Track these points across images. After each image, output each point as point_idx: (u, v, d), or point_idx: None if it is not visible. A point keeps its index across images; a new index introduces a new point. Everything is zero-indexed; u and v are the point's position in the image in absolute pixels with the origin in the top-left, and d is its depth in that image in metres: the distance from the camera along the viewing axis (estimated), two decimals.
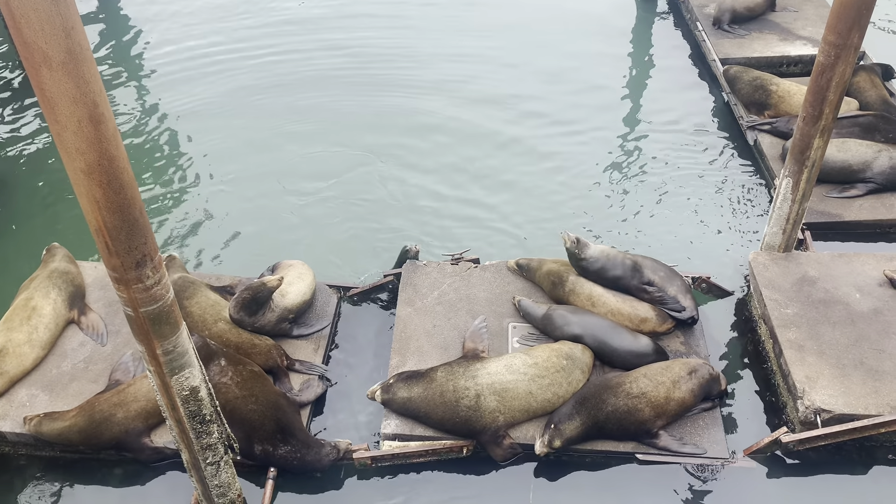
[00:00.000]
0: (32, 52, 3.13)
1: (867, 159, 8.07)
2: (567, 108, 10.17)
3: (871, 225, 7.89)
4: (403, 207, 8.62)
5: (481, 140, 9.63)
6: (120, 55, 11.70)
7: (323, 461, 5.77)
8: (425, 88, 10.63)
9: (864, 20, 5.82)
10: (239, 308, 6.44)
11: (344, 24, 12.25)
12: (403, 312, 6.82)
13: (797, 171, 6.64)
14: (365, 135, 9.76)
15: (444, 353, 6.46)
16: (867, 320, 6.49)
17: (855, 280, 6.87)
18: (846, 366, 6.11)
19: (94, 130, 3.39)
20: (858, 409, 5.82)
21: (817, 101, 6.23)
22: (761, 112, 9.29)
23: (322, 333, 6.80)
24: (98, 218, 3.68)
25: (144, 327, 4.13)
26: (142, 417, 5.88)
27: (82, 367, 6.44)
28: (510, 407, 5.83)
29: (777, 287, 6.82)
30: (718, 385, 6.06)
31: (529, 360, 6.03)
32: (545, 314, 6.54)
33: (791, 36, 10.63)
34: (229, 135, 9.87)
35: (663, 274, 6.73)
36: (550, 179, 8.95)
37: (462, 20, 12.27)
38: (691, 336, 6.62)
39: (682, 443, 5.82)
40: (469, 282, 7.12)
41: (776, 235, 7.09)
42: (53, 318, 6.60)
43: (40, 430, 5.84)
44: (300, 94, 10.63)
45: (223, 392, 5.70)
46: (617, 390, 5.82)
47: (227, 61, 11.38)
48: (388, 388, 5.98)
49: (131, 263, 3.86)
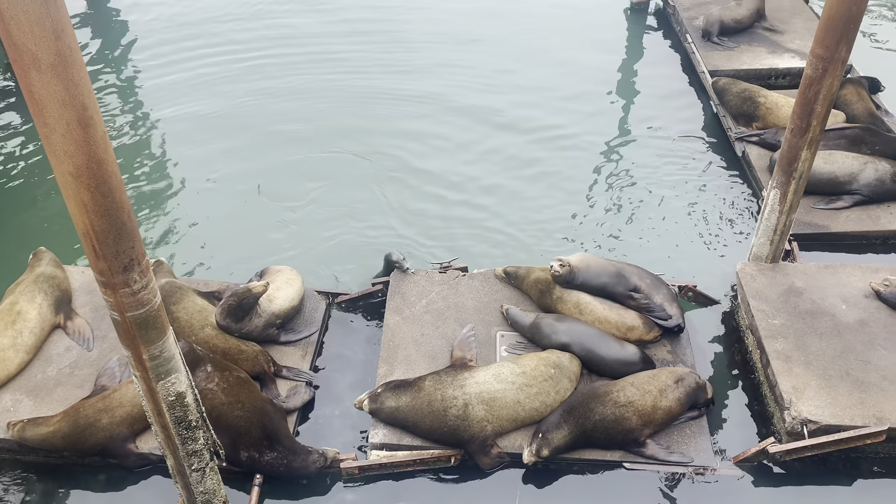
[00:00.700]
0: (22, 54, 3.12)
1: (854, 171, 8.15)
2: (556, 118, 10.21)
3: (857, 236, 7.97)
4: (392, 214, 8.61)
5: (470, 147, 9.65)
6: (109, 58, 11.67)
7: (310, 468, 5.74)
8: (414, 95, 10.65)
9: (852, 34, 5.89)
10: (225, 314, 6.41)
11: (335, 29, 12.28)
12: (391, 321, 6.80)
13: (785, 182, 6.70)
14: (355, 141, 9.76)
15: (432, 361, 6.45)
16: (853, 332, 6.54)
17: (841, 291, 6.92)
18: (833, 377, 6.15)
19: (82, 133, 3.37)
20: (844, 420, 5.85)
21: (805, 114, 6.29)
22: (749, 124, 9.37)
23: (310, 340, 6.77)
24: (86, 221, 3.65)
25: (131, 332, 4.10)
26: (127, 423, 5.83)
27: (68, 372, 6.39)
28: (498, 416, 5.82)
29: (764, 297, 6.86)
30: (705, 394, 6.08)
31: (517, 368, 6.03)
32: (533, 323, 6.55)
33: (779, 49, 10.74)
34: (218, 139, 9.84)
35: (650, 281, 6.76)
36: (538, 188, 8.98)
37: (452, 29, 12.29)
38: (678, 345, 6.64)
39: (670, 451, 5.84)
40: (457, 290, 7.12)
41: (764, 246, 7.13)
42: (39, 323, 6.54)
43: (24, 435, 5.78)
44: (289, 99, 10.63)
45: (209, 398, 5.67)
46: (604, 399, 5.83)
47: (215, 65, 11.37)
48: (376, 398, 5.96)
49: (119, 267, 3.84)
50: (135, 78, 11.19)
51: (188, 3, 13.03)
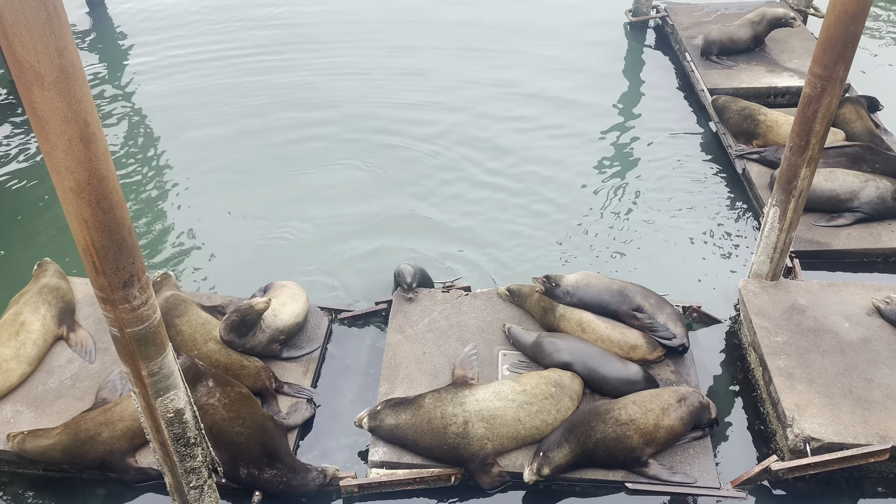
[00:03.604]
0: (25, 70, 3.15)
1: (854, 189, 8.15)
2: (555, 137, 10.25)
3: (858, 254, 7.95)
4: (396, 231, 8.62)
5: (473, 167, 9.67)
6: (111, 74, 11.78)
7: (309, 486, 5.70)
8: (418, 108, 10.72)
9: (850, 53, 5.93)
10: (229, 330, 6.41)
11: (339, 38, 12.38)
12: (393, 339, 6.79)
13: (784, 200, 6.70)
14: (359, 157, 9.80)
15: (433, 380, 6.43)
16: (856, 349, 6.51)
17: (844, 309, 6.90)
18: (835, 394, 6.11)
19: (84, 149, 3.40)
20: (847, 438, 5.81)
21: (804, 132, 6.31)
22: (749, 141, 9.40)
23: (312, 356, 6.76)
24: (86, 237, 3.67)
25: (130, 348, 4.10)
26: (127, 437, 5.81)
27: (69, 385, 6.39)
28: (498, 434, 5.79)
29: (767, 315, 6.84)
30: (709, 413, 6.04)
31: (518, 386, 6.00)
32: (535, 341, 6.53)
33: (778, 67, 10.80)
34: (222, 155, 9.90)
35: (653, 301, 6.74)
36: (538, 207, 8.98)
37: (451, 44, 12.39)
38: (681, 364, 6.61)
39: (673, 471, 5.79)
40: (460, 309, 7.11)
41: (763, 264, 7.13)
42: (42, 335, 6.55)
43: (24, 447, 5.77)
44: (292, 113, 10.71)
45: (210, 413, 5.66)
46: (605, 417, 5.79)
47: (218, 81, 11.47)
48: (376, 415, 5.93)
49: (118, 283, 3.85)
50: (136, 92, 11.29)
51: (192, 21, 13.16)
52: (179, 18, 13.24)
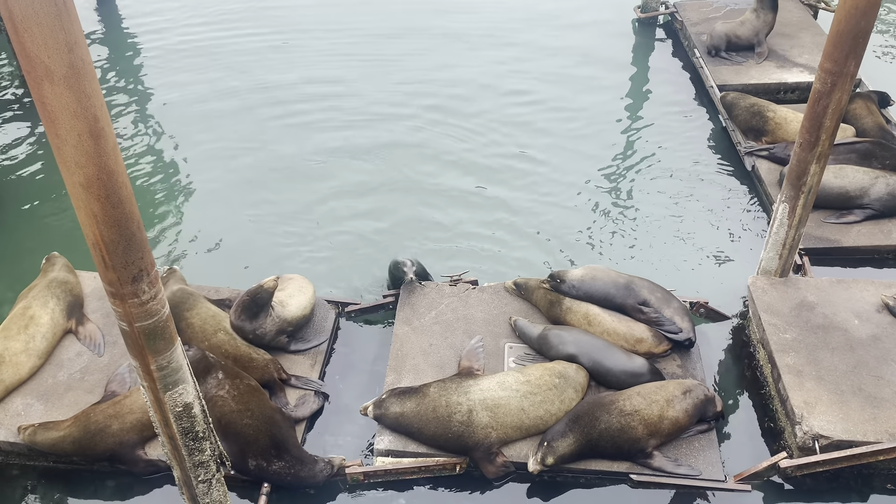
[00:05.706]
0: (35, 66, 3.16)
1: (865, 185, 8.10)
2: (564, 133, 10.22)
3: (868, 251, 7.91)
4: (403, 226, 8.64)
5: (481, 162, 9.67)
6: (120, 69, 11.80)
7: (317, 477, 5.75)
8: (425, 110, 10.71)
9: (861, 48, 5.88)
10: (239, 312, 6.44)
11: (348, 38, 12.38)
12: (400, 331, 6.82)
13: (794, 196, 6.67)
14: (366, 153, 9.81)
15: (439, 371, 6.46)
16: (866, 347, 6.48)
17: (854, 306, 6.87)
18: (845, 392, 6.09)
19: (93, 145, 3.41)
20: (857, 436, 5.79)
21: (814, 128, 6.27)
22: (759, 138, 9.34)
23: (319, 349, 6.79)
24: (95, 232, 3.68)
25: (139, 342, 4.12)
26: (137, 429, 5.86)
27: (78, 378, 6.44)
28: (502, 423, 5.81)
29: (776, 311, 6.82)
30: (714, 406, 6.04)
31: (522, 377, 6.03)
32: (540, 334, 6.54)
33: (788, 63, 10.72)
34: (230, 151, 9.92)
35: (660, 295, 6.73)
36: (546, 203, 8.96)
37: (455, 43, 12.36)
38: (688, 359, 6.60)
39: (678, 464, 5.79)
40: (467, 302, 7.13)
41: (772, 260, 7.10)
42: (51, 328, 6.61)
43: (34, 439, 5.83)
44: (301, 112, 10.70)
45: (219, 405, 5.70)
46: (610, 408, 5.80)
47: (228, 76, 11.48)
48: (381, 404, 5.97)
49: (128, 278, 3.86)
50: (145, 88, 11.32)
51: (201, 16, 13.17)
52: (189, 13, 13.26)
